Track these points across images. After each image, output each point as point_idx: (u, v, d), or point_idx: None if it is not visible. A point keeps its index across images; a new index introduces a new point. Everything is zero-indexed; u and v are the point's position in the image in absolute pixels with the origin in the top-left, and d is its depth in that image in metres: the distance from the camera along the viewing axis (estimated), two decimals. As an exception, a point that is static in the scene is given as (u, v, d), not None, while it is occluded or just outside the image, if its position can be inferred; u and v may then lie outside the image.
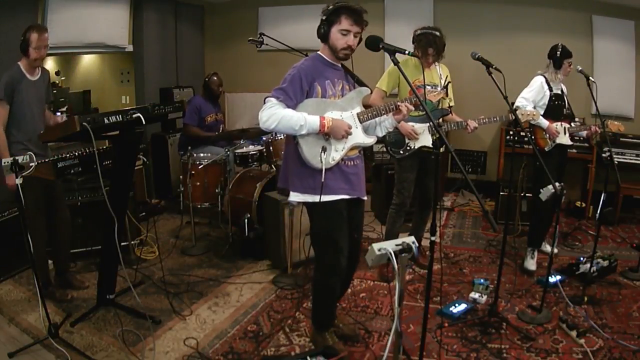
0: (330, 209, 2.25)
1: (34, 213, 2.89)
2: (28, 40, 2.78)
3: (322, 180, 2.16)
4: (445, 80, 3.25)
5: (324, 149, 2.19)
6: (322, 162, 2.17)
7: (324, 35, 2.22)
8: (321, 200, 2.18)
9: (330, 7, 2.18)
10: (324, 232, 2.29)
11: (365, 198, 2.43)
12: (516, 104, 3.36)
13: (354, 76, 2.37)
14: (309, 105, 2.19)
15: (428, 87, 3.11)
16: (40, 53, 2.82)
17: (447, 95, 3.23)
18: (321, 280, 2.39)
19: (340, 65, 2.33)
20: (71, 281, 3.20)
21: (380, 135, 2.46)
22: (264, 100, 2.18)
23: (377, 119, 2.38)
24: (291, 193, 2.30)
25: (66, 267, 3.23)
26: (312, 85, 2.20)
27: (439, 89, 3.12)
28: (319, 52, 2.30)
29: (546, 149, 3.37)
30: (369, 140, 2.35)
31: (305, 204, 2.32)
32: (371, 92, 2.42)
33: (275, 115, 2.10)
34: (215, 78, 4.49)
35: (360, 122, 2.31)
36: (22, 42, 2.79)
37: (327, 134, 2.18)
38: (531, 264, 3.46)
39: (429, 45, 3.11)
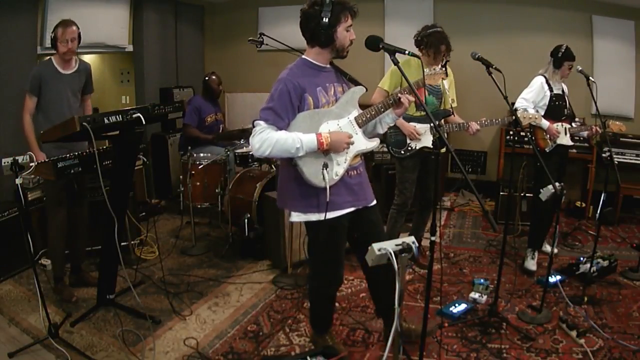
0: (335, 225, 2.14)
1: (55, 207, 2.93)
2: (55, 36, 2.86)
3: (327, 199, 2.02)
4: (444, 63, 3.14)
5: (325, 166, 2.04)
6: (325, 180, 2.03)
7: (328, 38, 2.03)
8: (327, 218, 2.07)
9: (327, 3, 1.98)
10: (328, 248, 2.20)
11: (374, 202, 2.30)
12: (516, 104, 3.35)
13: (346, 74, 2.24)
14: (302, 120, 2.02)
15: (427, 71, 3.00)
16: (67, 46, 2.88)
17: (446, 75, 3.14)
18: (319, 290, 2.36)
19: (330, 66, 2.18)
20: (86, 279, 3.22)
21: (381, 132, 2.33)
22: (253, 124, 2.02)
23: (377, 116, 2.25)
24: (292, 214, 2.17)
25: (80, 264, 3.23)
26: (302, 97, 2.02)
27: (437, 69, 3.00)
28: (305, 57, 2.13)
29: (547, 149, 3.37)
30: (372, 145, 2.21)
31: (305, 222, 2.18)
32: (366, 90, 2.33)
33: (267, 140, 1.93)
34: (215, 77, 4.49)
35: (359, 127, 2.16)
36: (52, 39, 2.87)
37: (327, 150, 2.03)
38: (532, 264, 3.46)
39: (440, 43, 3.09)
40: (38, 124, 2.89)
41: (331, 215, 2.10)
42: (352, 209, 2.19)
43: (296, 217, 2.17)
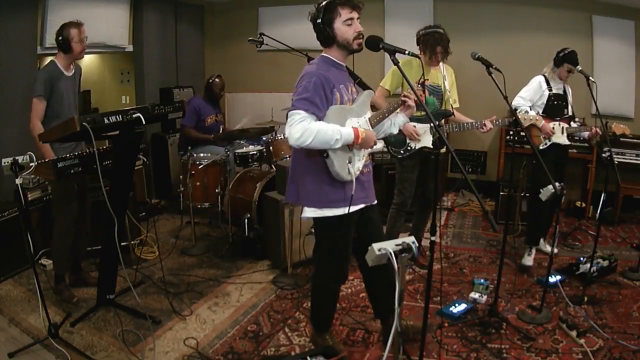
0: (349, 220, 2.16)
1: (65, 205, 2.94)
2: (68, 36, 2.86)
3: (353, 192, 2.06)
4: (444, 80, 3.23)
5: (350, 160, 2.09)
6: (351, 173, 2.08)
7: (328, 37, 2.10)
8: (349, 212, 2.09)
9: (320, 6, 2.07)
10: (339, 243, 2.21)
11: (376, 202, 2.34)
12: (513, 103, 3.36)
13: (356, 77, 2.29)
14: (333, 113, 2.06)
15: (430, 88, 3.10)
16: (83, 45, 2.92)
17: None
18: (324, 286, 2.36)
19: (344, 66, 2.23)
20: (86, 279, 3.22)
21: (395, 132, 2.41)
22: (287, 115, 2.03)
23: (391, 117, 2.34)
24: (305, 209, 2.17)
25: (80, 265, 3.24)
26: (332, 91, 2.07)
27: (442, 88, 3.10)
28: (325, 54, 2.17)
29: (540, 147, 3.37)
30: (380, 145, 2.29)
31: (318, 218, 2.17)
32: (374, 93, 2.38)
33: (309, 130, 1.93)
34: (218, 80, 4.48)
35: (372, 127, 2.23)
36: (63, 41, 2.87)
37: (352, 145, 2.07)
38: (528, 260, 3.46)
39: (436, 44, 3.10)
40: (47, 127, 2.87)
41: (346, 210, 2.12)
42: (363, 205, 2.23)
43: (310, 212, 2.17)
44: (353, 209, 2.15)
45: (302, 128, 1.94)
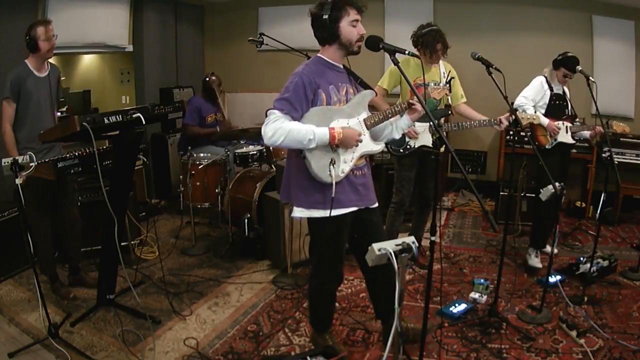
0: (338, 223, 2.16)
1: (34, 211, 2.91)
2: (35, 35, 2.80)
3: (333, 195, 2.04)
4: (448, 76, 3.24)
5: (332, 162, 2.06)
6: (331, 176, 2.05)
7: (331, 35, 2.07)
8: (331, 215, 2.07)
9: (327, 2, 2.06)
10: (330, 245, 2.21)
11: (376, 205, 2.32)
12: (516, 103, 3.36)
13: (357, 77, 2.27)
14: (314, 114, 2.04)
15: (431, 85, 3.12)
16: (50, 43, 2.84)
17: (450, 92, 3.20)
18: (320, 287, 2.36)
19: (342, 67, 2.21)
20: (85, 280, 3.22)
21: (397, 137, 2.37)
22: (266, 113, 2.03)
23: (392, 120, 2.30)
24: (295, 208, 2.17)
25: (78, 265, 3.23)
26: (316, 92, 2.05)
27: (441, 85, 3.12)
28: (319, 55, 2.16)
29: (547, 146, 3.37)
30: (377, 147, 2.23)
31: (309, 218, 2.18)
32: (376, 95, 2.36)
33: (280, 129, 1.95)
34: (214, 77, 4.48)
35: (367, 129, 2.19)
36: (29, 40, 2.81)
37: (337, 145, 2.06)
38: (536, 262, 3.45)
39: (436, 42, 3.11)
40: (18, 129, 2.85)
41: (335, 212, 2.11)
42: (355, 209, 2.20)
43: (299, 212, 2.17)
44: (344, 211, 2.15)
45: (274, 127, 1.96)
